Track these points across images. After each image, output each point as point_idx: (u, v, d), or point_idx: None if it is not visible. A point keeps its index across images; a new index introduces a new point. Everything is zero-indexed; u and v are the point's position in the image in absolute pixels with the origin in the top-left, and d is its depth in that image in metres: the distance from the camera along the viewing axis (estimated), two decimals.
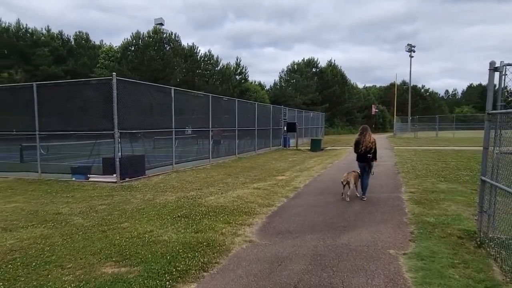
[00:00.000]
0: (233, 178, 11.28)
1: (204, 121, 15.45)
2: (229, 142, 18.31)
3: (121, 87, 10.36)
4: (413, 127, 49.87)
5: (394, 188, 9.02)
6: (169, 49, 49.81)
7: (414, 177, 10.49)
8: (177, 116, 13.18)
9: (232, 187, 9.53)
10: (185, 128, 15.50)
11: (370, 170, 8.11)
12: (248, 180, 10.70)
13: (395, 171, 12.07)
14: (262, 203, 7.41)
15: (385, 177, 10.93)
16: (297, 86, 60.07)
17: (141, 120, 11.49)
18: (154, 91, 12.17)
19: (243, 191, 8.84)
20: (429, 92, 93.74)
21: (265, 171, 12.93)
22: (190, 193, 8.74)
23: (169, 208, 7.03)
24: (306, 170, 12.60)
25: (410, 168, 12.59)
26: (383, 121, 71.13)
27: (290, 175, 11.46)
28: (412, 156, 16.78)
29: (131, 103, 10.81)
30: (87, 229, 5.72)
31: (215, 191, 8.95)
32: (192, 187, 9.62)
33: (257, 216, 6.45)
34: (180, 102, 13.69)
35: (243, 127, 18.99)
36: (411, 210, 6.70)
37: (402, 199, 7.72)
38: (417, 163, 13.89)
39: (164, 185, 9.83)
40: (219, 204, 7.32)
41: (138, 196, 8.36)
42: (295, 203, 7.45)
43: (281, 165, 14.84)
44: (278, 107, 26.93)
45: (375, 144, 8.08)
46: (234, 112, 17.75)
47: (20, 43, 48.08)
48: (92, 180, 10.65)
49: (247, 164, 15.07)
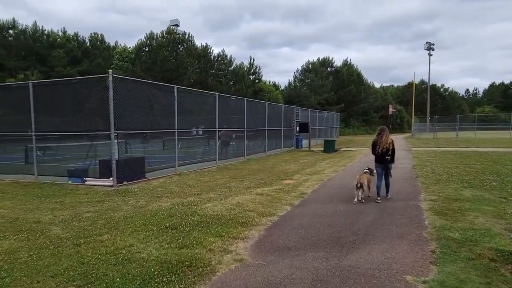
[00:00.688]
0: (237, 182, 10.57)
1: (211, 122, 14.80)
2: (237, 143, 17.62)
3: (118, 85, 9.78)
4: (432, 128, 48.16)
5: (412, 195, 8.12)
6: (182, 50, 49.55)
7: (434, 182, 9.55)
8: (180, 116, 12.55)
9: (234, 192, 8.81)
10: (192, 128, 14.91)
11: (388, 171, 7.89)
12: (252, 185, 9.96)
13: (413, 175, 11.13)
14: (263, 212, 6.66)
15: (402, 181, 10.03)
16: (312, 86, 58.99)
17: (140, 120, 10.90)
18: (155, 89, 11.57)
19: (244, 197, 8.11)
20: (449, 91, 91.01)
21: (273, 174, 12.17)
22: (188, 199, 8.07)
23: (159, 217, 6.36)
24: (316, 174, 11.77)
25: (429, 171, 11.62)
26: (400, 121, 69.28)
27: (299, 179, 10.67)
28: (432, 158, 15.72)
29: (129, 102, 10.22)
30: (61, 242, 5.08)
31: (215, 197, 8.25)
32: (192, 192, 8.95)
33: (254, 228, 5.70)
34: (184, 101, 13.05)
35: (252, 128, 18.27)
36: (432, 222, 5.84)
37: (421, 208, 6.85)
38: (437, 166, 12.88)
39: (162, 190, 9.19)
40: (214, 213, 6.61)
41: (130, 202, 7.73)
42: (299, 212, 6.67)
43: (290, 167, 14.04)
44: (290, 107, 26.10)
45: (393, 145, 7.83)
46: (243, 112, 17.04)
47: (37, 45, 48.68)
48: (88, 184, 10.10)
49: (255, 167, 14.33)
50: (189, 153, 15.67)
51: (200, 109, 14.57)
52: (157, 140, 18.34)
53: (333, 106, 56.21)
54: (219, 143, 15.28)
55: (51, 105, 10.75)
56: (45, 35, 50.21)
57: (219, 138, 15.00)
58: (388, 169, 7.89)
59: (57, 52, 47.83)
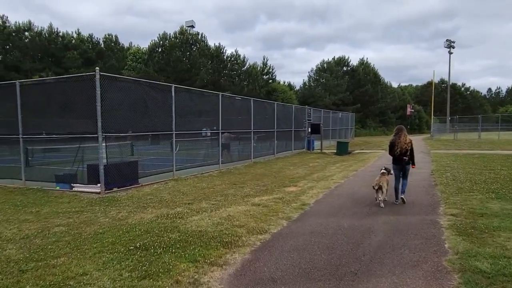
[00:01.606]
0: (236, 188, 9.70)
1: (214, 123, 14.00)
2: (243, 145, 16.77)
3: (107, 84, 9.07)
4: (452, 128, 46.19)
5: (430, 208, 7.08)
6: (195, 50, 49.05)
7: (456, 192, 8.45)
8: (179, 118, 11.79)
9: (229, 201, 7.94)
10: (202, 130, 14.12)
11: (406, 173, 7.57)
12: (252, 192, 9.08)
13: (432, 182, 10.03)
14: (254, 228, 5.76)
15: (419, 190, 8.96)
16: (327, 85, 57.65)
17: (133, 122, 10.17)
18: (150, 89, 10.82)
19: (238, 208, 7.23)
20: (470, 90, 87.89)
21: (278, 179, 11.26)
22: (175, 209, 7.25)
23: (133, 234, 5.54)
24: (323, 180, 10.79)
25: (450, 178, 10.48)
26: (419, 122, 67.12)
27: (303, 186, 9.72)
28: (452, 162, 14.49)
29: (120, 102, 9.51)
30: (7, 267, 4.31)
31: (206, 207, 7.40)
32: (183, 201, 8.12)
33: (239, 250, 4.81)
34: (184, 101, 12.29)
35: (260, 129, 17.40)
36: (454, 245, 4.82)
37: (440, 225, 5.82)
38: (459, 172, 11.70)
39: (151, 198, 8.40)
40: (198, 229, 5.75)
41: (111, 214, 6.96)
42: (296, 229, 5.74)
43: (298, 172, 13.09)
44: (301, 107, 25.12)
45: (411, 145, 7.50)
46: (249, 112, 16.18)
47: (52, 47, 49.06)
48: (75, 190, 9.41)
49: (259, 171, 13.44)
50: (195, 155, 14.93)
51: (203, 109, 13.78)
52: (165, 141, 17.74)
53: (348, 107, 54.78)
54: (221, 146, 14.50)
55: (40, 106, 10.12)
56: (60, 37, 50.58)
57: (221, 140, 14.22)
58: (406, 171, 7.55)
59: (72, 54, 48.10)
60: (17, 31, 47.67)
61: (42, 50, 48.82)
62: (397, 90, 70.97)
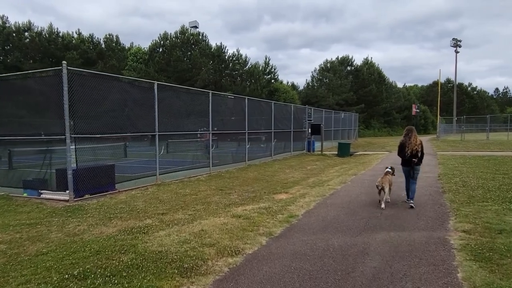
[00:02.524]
0: (222, 195, 8.77)
1: (204, 123, 13.08)
2: (237, 147, 15.83)
3: (77, 81, 8.17)
4: (459, 129, 44.91)
5: (438, 221, 6.08)
6: (196, 50, 48.21)
7: (467, 201, 7.43)
8: (163, 118, 10.89)
9: (209, 211, 7.01)
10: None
11: (416, 174, 7.42)
12: (238, 200, 8.14)
13: (439, 189, 9.01)
14: (226, 248, 4.81)
15: (425, 198, 7.95)
16: (330, 85, 56.54)
17: (109, 122, 9.25)
18: (129, 86, 9.92)
19: (216, 220, 6.28)
20: (477, 90, 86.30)
21: (269, 184, 10.31)
22: (144, 221, 6.33)
23: (80, 255, 4.61)
24: (319, 185, 9.81)
25: (459, 184, 9.44)
26: (425, 122, 65.79)
27: (295, 193, 8.74)
28: (461, 166, 13.42)
29: (93, 101, 8.60)
30: None
31: (180, 219, 6.47)
32: (157, 210, 7.20)
33: (199, 281, 3.86)
34: (169, 100, 11.38)
35: (255, 130, 16.45)
36: (469, 276, 3.83)
37: (451, 245, 4.83)
38: (469, 176, 10.66)
39: (122, 207, 7.48)
40: (159, 249, 4.81)
41: (68, 227, 6.04)
42: (275, 250, 4.78)
43: (293, 175, 12.13)
44: (301, 106, 24.15)
45: (421, 146, 7.35)
46: (243, 112, 15.23)
47: (52, 47, 48.57)
48: (43, 198, 8.52)
49: (252, 174, 12.48)
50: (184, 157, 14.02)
51: (191, 109, 12.84)
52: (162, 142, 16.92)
53: (352, 107, 53.64)
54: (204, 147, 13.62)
55: (6, 105, 9.25)
56: (60, 37, 50.08)
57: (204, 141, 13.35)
58: (416, 172, 7.41)
59: (71, 54, 47.54)
60: (17, 31, 47.23)
61: (42, 51, 48.33)
62: (402, 90, 69.64)
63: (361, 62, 60.27)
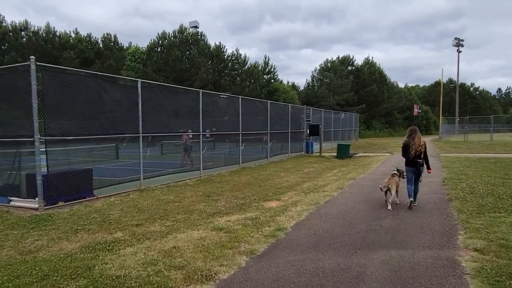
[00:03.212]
0: (207, 203, 8.05)
1: (194, 124, 12.36)
2: (230, 149, 15.11)
3: (47, 78, 7.47)
4: (462, 129, 44.06)
5: (444, 237, 5.33)
6: (194, 49, 47.49)
7: (477, 211, 6.68)
8: (148, 118, 10.19)
9: (189, 222, 6.29)
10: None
11: (420, 175, 7.36)
12: (224, 208, 7.42)
13: (444, 196, 8.26)
14: (197, 271, 4.08)
15: (430, 207, 7.21)
16: (331, 85, 55.76)
17: (85, 123, 8.53)
18: (109, 84, 9.19)
19: (193, 234, 5.56)
20: (479, 90, 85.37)
21: (261, 190, 9.59)
22: (114, 235, 5.61)
23: (22, 281, 3.89)
24: (314, 191, 9.06)
25: (466, 190, 8.68)
26: (427, 123, 64.92)
27: (287, 201, 8.01)
28: (467, 169, 12.66)
29: (66, 100, 7.89)
30: None
31: (154, 231, 5.75)
32: (132, 221, 6.48)
33: None
34: (155, 99, 10.67)
35: (250, 131, 15.72)
36: None
37: (462, 269, 4.08)
38: (476, 181, 9.90)
39: (95, 217, 6.76)
40: (116, 273, 4.08)
41: (25, 242, 5.32)
42: (254, 275, 4.04)
43: (288, 180, 11.40)
44: (299, 106, 23.43)
45: (425, 147, 7.31)
46: (237, 112, 14.51)
47: (48, 46, 48.02)
48: (12, 205, 7.82)
49: (245, 178, 11.75)
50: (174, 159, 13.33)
51: (180, 109, 12.13)
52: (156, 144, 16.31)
53: (353, 107, 52.84)
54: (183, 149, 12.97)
55: None
56: (57, 36, 49.51)
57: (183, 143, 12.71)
58: (421, 173, 7.34)
59: (68, 53, 46.95)
60: (14, 30, 46.67)
61: (40, 50, 47.76)
62: (404, 90, 68.79)
63: (362, 62, 59.54)
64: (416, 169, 7.24)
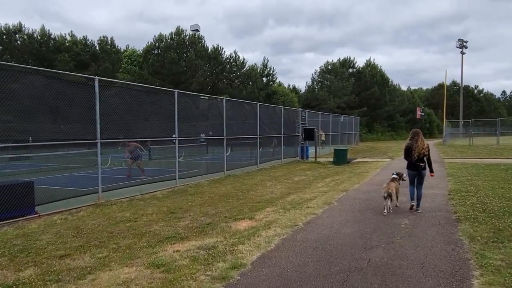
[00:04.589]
0: (167, 222, 6.72)
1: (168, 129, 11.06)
2: (214, 155, 13.79)
3: None
4: (466, 133, 42.49)
5: (454, 282, 3.95)
6: (191, 51, 46.29)
7: (494, 238, 5.28)
8: (111, 123, 8.89)
9: (127, 254, 4.95)
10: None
11: (422, 179, 7.20)
12: (182, 231, 6.09)
13: (451, 214, 6.87)
14: None
15: (433, 231, 5.83)
16: (332, 88, 54.41)
17: (30, 128, 7.26)
18: (58, 82, 7.90)
19: (121, 274, 4.22)
20: (484, 93, 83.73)
21: (239, 204, 8.25)
22: (23, 272, 4.30)
23: None
24: (296, 207, 7.69)
25: (478, 206, 7.28)
26: (430, 126, 63.42)
27: (261, 220, 6.65)
28: (475, 178, 11.25)
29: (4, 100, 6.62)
30: None
31: (76, 268, 4.42)
32: (60, 250, 5.15)
33: None
34: (119, 100, 9.39)
35: (236, 135, 14.41)
36: None
37: None
38: (488, 194, 8.50)
39: (16, 244, 5.43)
40: None
41: None
42: None
43: (272, 191, 10.05)
44: (293, 109, 22.12)
45: (428, 150, 7.14)
46: (221, 115, 13.20)
47: (43, 49, 47.16)
48: None
49: (224, 189, 10.41)
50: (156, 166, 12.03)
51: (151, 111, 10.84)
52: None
53: (354, 110, 51.45)
54: (130, 158, 11.70)
55: None
56: (52, 39, 48.65)
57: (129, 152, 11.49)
58: (423, 176, 7.18)
59: (63, 56, 46.00)
60: (7, 33, 45.81)
61: (35, 53, 46.92)
62: (407, 93, 67.32)
63: (363, 64, 58.18)
64: (418, 172, 7.09)
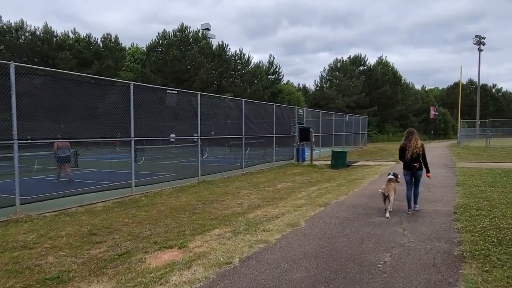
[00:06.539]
0: (72, 250, 5.09)
1: (123, 128, 9.45)
2: (186, 157, 12.13)
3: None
4: (483, 133, 39.82)
5: None
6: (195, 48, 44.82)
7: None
8: (74, 121, 7.32)
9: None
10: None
11: (418, 180, 7.06)
12: (75, 267, 4.46)
13: (453, 247, 4.99)
14: None
15: (422, 277, 4.01)
16: (341, 86, 52.25)
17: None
18: (19, 74, 6.33)
19: None
20: (502, 92, 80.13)
21: (186, 222, 6.57)
22: None
23: None
24: (249, 230, 5.89)
25: (491, 234, 5.38)
26: (445, 126, 60.56)
27: (190, 252, 4.91)
28: (490, 188, 9.28)
29: None
30: None
31: None
32: None
33: None
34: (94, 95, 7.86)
35: (215, 136, 12.72)
36: None
37: None
38: (506, 213, 6.58)
39: None
40: None
41: None
42: None
43: (242, 202, 8.31)
44: (288, 107, 20.34)
45: (423, 149, 7.00)
46: (195, 112, 11.53)
47: (45, 47, 46.53)
48: None
49: (184, 200, 8.72)
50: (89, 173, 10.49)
51: (107, 108, 9.25)
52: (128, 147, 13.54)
53: (364, 109, 49.16)
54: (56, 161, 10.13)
55: None
56: (54, 37, 47.98)
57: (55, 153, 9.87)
58: (418, 177, 7.05)
59: (64, 54, 45.21)
60: (9, 30, 45.28)
61: (38, 51, 46.32)
62: (420, 91, 64.60)
63: (374, 62, 55.82)
64: (413, 172, 7.03)
